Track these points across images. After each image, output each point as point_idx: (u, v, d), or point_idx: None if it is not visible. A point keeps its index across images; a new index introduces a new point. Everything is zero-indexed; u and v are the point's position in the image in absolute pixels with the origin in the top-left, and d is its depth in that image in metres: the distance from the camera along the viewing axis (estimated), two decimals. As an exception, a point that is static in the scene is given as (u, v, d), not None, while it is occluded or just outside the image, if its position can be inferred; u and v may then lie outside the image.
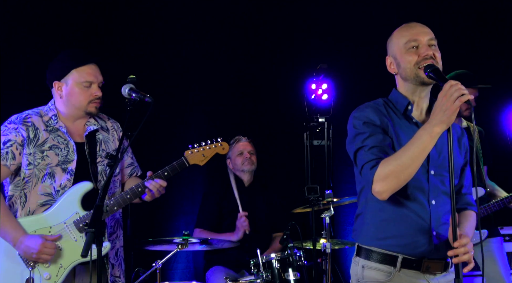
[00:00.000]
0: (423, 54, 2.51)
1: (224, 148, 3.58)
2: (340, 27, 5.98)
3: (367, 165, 2.45)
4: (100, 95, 3.40)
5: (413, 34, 2.56)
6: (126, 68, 3.69)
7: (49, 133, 3.34)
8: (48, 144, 3.32)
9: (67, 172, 3.31)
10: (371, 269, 2.55)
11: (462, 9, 6.01)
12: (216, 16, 5.84)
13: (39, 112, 3.40)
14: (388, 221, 2.53)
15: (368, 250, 2.57)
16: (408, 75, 2.55)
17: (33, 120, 3.34)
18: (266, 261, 4.13)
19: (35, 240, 3.15)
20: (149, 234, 4.86)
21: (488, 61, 5.90)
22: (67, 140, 3.35)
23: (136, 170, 3.70)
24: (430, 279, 2.53)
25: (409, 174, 2.38)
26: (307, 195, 4.40)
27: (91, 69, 3.38)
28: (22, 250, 3.17)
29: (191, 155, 3.47)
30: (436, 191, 2.53)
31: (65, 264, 3.22)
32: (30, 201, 3.27)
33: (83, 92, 3.36)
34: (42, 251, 3.14)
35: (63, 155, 3.32)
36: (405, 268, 2.51)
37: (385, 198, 2.43)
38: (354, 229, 2.67)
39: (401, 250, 2.51)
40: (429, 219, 2.50)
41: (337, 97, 5.54)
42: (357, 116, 2.57)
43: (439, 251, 2.50)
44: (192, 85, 5.75)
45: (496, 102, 5.76)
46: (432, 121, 2.34)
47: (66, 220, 3.25)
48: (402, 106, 2.59)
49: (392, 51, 2.62)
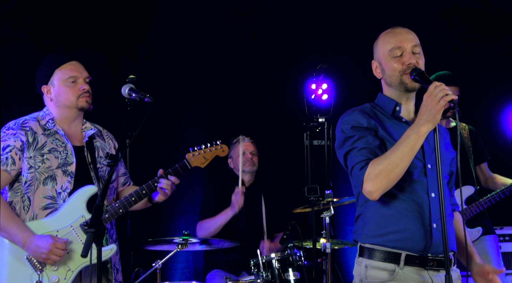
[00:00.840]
0: (407, 63, 2.56)
1: (224, 150, 3.65)
2: (340, 27, 5.98)
3: (357, 166, 2.50)
4: (87, 88, 3.41)
5: (398, 41, 2.60)
6: (126, 68, 3.69)
7: (47, 137, 3.34)
8: (47, 147, 3.32)
9: (68, 174, 3.31)
10: (374, 269, 2.55)
11: (462, 9, 6.01)
12: (216, 16, 5.84)
13: (36, 117, 3.42)
14: (388, 217, 2.55)
15: (371, 249, 2.57)
16: (393, 82, 2.61)
17: (31, 125, 3.35)
18: (266, 261, 4.13)
19: (46, 239, 3.13)
20: (149, 234, 4.86)
21: (488, 61, 5.90)
22: (65, 143, 3.36)
23: (128, 180, 3.71)
24: (433, 276, 2.54)
25: (399, 172, 2.43)
26: (307, 195, 4.40)
27: (72, 66, 3.42)
28: (31, 250, 3.14)
29: (193, 158, 3.53)
30: (434, 183, 2.56)
31: (73, 267, 3.21)
32: (34, 205, 3.25)
33: (70, 88, 3.39)
34: (52, 250, 3.12)
35: (62, 158, 3.32)
36: (408, 265, 2.52)
37: (376, 198, 2.47)
38: (355, 231, 2.68)
39: (403, 244, 2.52)
40: (429, 212, 2.53)
41: (337, 97, 5.54)
42: (345, 121, 2.62)
43: (439, 244, 2.50)
44: (192, 85, 5.75)
45: (496, 102, 5.77)
46: (419, 122, 2.41)
47: (72, 224, 3.25)
48: (390, 108, 2.65)
49: (377, 56, 2.67)
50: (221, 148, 3.64)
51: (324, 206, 4.47)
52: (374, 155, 2.50)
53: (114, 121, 4.86)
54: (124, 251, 4.33)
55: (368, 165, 2.46)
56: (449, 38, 5.92)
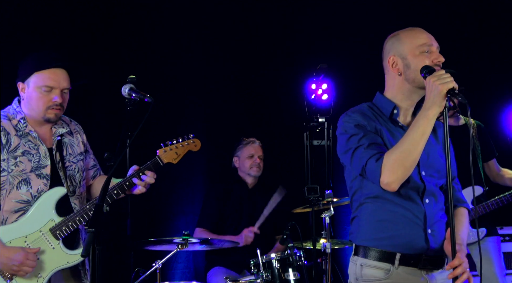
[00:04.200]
0: (435, 60, 2.55)
1: (196, 145, 3.47)
2: (340, 27, 5.98)
3: (372, 159, 2.46)
4: (59, 101, 3.20)
5: (427, 38, 2.59)
6: (126, 68, 3.69)
7: (20, 138, 3.19)
8: (20, 149, 3.17)
9: (43, 176, 3.18)
10: (369, 267, 2.56)
11: (462, 8, 6.01)
12: (216, 16, 5.83)
13: (7, 115, 3.24)
14: (383, 222, 2.55)
15: (366, 248, 2.58)
16: (417, 77, 2.55)
17: (4, 124, 3.18)
18: (266, 261, 4.13)
19: (17, 251, 3.01)
20: (149, 234, 4.85)
21: (488, 61, 5.90)
22: (38, 145, 3.22)
23: (98, 171, 3.55)
24: (427, 276, 2.55)
25: (413, 159, 2.42)
26: (307, 195, 4.40)
27: (53, 74, 3.20)
28: (1, 262, 3.00)
29: (165, 154, 3.36)
30: (429, 190, 2.57)
31: (44, 273, 3.10)
32: (4, 209, 3.10)
33: (42, 97, 3.19)
34: (24, 263, 3.00)
35: (35, 161, 3.18)
36: (403, 265, 2.53)
37: (395, 189, 2.45)
38: (351, 232, 2.69)
39: (398, 249, 2.53)
40: (424, 217, 2.53)
41: (337, 97, 5.54)
42: (347, 120, 2.61)
43: (435, 249, 2.54)
44: (192, 85, 5.75)
45: (496, 102, 5.77)
46: (426, 105, 2.43)
47: (41, 228, 3.13)
48: (388, 111, 2.63)
49: (401, 51, 2.60)
50: (193, 142, 3.45)
51: (324, 206, 4.47)
52: (382, 150, 2.49)
53: (114, 122, 4.88)
54: (124, 251, 4.33)
55: (383, 157, 2.44)
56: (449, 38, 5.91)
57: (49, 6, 5.07)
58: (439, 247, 2.54)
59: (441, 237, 2.57)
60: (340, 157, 2.66)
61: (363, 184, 2.60)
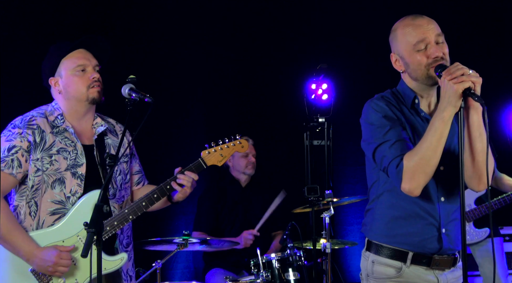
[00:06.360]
0: (433, 56, 2.46)
1: (243, 146, 3.30)
2: (339, 27, 5.98)
3: (393, 163, 2.41)
4: (97, 77, 3.14)
5: (420, 33, 2.50)
6: (126, 68, 3.68)
7: (56, 135, 3.09)
8: (55, 147, 3.07)
9: (77, 176, 3.07)
10: (381, 265, 2.55)
11: (462, 8, 6.01)
12: (216, 16, 5.84)
13: (44, 113, 3.14)
14: (398, 219, 2.53)
15: (378, 245, 2.56)
16: (419, 76, 2.50)
17: (38, 122, 3.08)
18: (266, 261, 4.13)
19: (50, 251, 2.93)
20: (149, 234, 4.85)
21: (488, 61, 5.90)
22: (75, 142, 3.11)
23: (143, 178, 3.44)
24: (439, 275, 2.54)
25: (434, 164, 2.36)
26: (307, 195, 4.40)
27: (80, 54, 3.16)
28: (36, 264, 2.93)
29: (209, 156, 3.20)
30: (446, 187, 2.51)
31: (80, 279, 3.01)
32: (41, 210, 3.03)
33: (79, 78, 3.12)
34: (58, 262, 2.92)
35: (71, 158, 3.08)
36: (414, 264, 2.51)
37: (417, 194, 2.40)
38: (364, 223, 2.66)
39: (411, 248, 2.51)
40: (439, 217, 2.50)
41: (337, 97, 5.54)
42: (375, 109, 2.51)
43: (448, 248, 2.51)
44: (192, 85, 5.75)
45: (496, 102, 5.76)
46: (441, 107, 2.34)
47: (79, 233, 3.02)
48: (409, 99, 2.55)
49: (398, 49, 2.55)
50: (240, 143, 3.29)
51: (324, 206, 4.47)
52: (406, 149, 2.41)
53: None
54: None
55: (403, 162, 2.37)
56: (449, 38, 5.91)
57: (49, 4, 5.07)
58: (452, 246, 2.51)
59: (455, 237, 2.52)
60: (362, 143, 2.58)
61: (380, 175, 2.55)
